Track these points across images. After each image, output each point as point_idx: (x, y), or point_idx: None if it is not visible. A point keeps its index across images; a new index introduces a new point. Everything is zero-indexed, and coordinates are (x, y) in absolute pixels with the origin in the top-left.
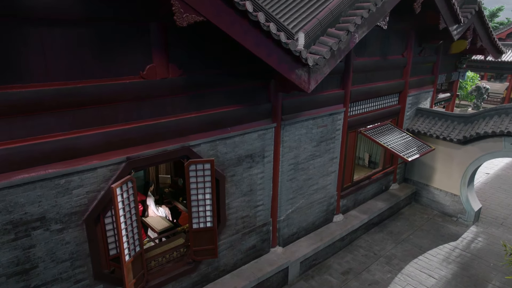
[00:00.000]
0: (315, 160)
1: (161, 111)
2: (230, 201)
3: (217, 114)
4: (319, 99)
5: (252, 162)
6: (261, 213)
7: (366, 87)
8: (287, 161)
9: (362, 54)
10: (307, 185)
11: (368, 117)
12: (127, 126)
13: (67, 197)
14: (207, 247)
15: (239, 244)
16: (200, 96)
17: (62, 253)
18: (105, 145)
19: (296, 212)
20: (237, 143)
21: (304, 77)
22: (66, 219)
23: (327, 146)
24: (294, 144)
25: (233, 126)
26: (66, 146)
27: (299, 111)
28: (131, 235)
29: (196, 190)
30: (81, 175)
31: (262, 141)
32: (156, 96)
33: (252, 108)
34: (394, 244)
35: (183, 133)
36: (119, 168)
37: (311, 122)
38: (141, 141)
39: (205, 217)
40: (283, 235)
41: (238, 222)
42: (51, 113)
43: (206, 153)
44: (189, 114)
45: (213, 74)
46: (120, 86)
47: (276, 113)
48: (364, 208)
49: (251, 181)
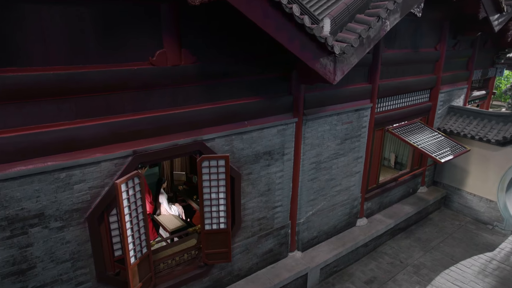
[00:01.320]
0: (339, 159)
1: (172, 102)
2: (246, 201)
3: (233, 107)
4: (344, 93)
5: (270, 159)
6: (279, 215)
7: (395, 82)
8: (308, 160)
9: (392, 45)
10: (329, 186)
11: (397, 114)
12: (134, 117)
13: (67, 193)
14: (220, 250)
15: (255, 248)
16: (215, 86)
17: (62, 253)
18: (110, 137)
19: (317, 214)
20: (254, 138)
21: (329, 67)
22: (66, 217)
23: (351, 144)
24: (317, 141)
25: (251, 120)
26: (67, 137)
27: (323, 106)
28: (137, 235)
29: (209, 189)
30: (83, 169)
31: (281, 137)
32: (167, 84)
33: (272, 101)
34: (422, 252)
35: (195, 126)
36: (125, 162)
37: (335, 118)
38: (149, 134)
39: (218, 218)
40: (302, 239)
41: (254, 224)
42: (50, 100)
43: (220, 149)
44: (202, 106)
45: (230, 63)
46: (127, 73)
47: (298, 107)
48: (390, 212)
49: (269, 180)
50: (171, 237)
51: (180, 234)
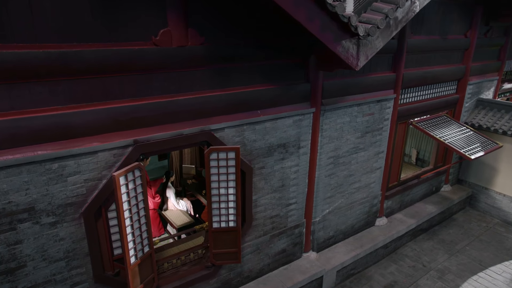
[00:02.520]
0: (359, 153)
1: (177, 87)
2: (257, 198)
3: (245, 94)
4: (366, 82)
5: (285, 153)
6: (293, 213)
7: (421, 71)
8: (326, 154)
9: (419, 31)
10: (347, 183)
11: (421, 107)
12: (135, 103)
13: (60, 185)
14: (229, 250)
15: (267, 248)
16: (225, 71)
17: (55, 251)
18: (107, 124)
19: (334, 213)
20: (268, 129)
21: (352, 50)
22: (60, 212)
23: (373, 138)
24: (335, 134)
25: (264, 109)
26: (60, 124)
27: (342, 95)
28: (138, 233)
29: (218, 183)
30: (77, 159)
31: (297, 128)
32: (172, 67)
33: (287, 88)
34: (447, 256)
35: (203, 114)
36: (125, 153)
37: (356, 109)
38: (152, 122)
39: (227, 215)
40: (317, 239)
41: (266, 222)
42: (40, 82)
43: (230, 140)
44: (211, 92)
45: (241, 45)
46: (127, 53)
47: (316, 96)
48: (411, 212)
49: (283, 175)
50: (178, 234)
51: (187, 231)
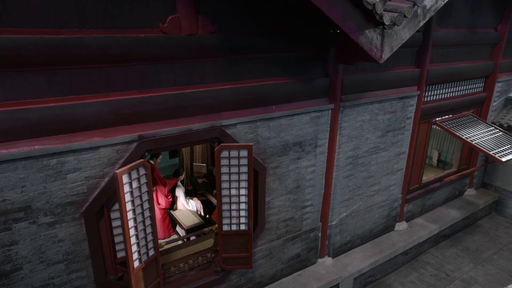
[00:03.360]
0: (379, 154)
1: (186, 79)
2: (271, 199)
3: (259, 88)
4: (388, 77)
5: (301, 151)
6: (309, 216)
7: (447, 67)
8: (344, 153)
9: (446, 23)
10: (366, 185)
11: (446, 105)
12: (140, 95)
13: (59, 183)
14: (239, 255)
15: (280, 253)
16: (238, 63)
17: (53, 253)
18: (110, 118)
19: (352, 216)
20: (283, 126)
21: (376, 41)
22: (58, 211)
23: (394, 137)
24: (355, 133)
25: (279, 105)
26: (59, 116)
27: (363, 91)
28: (142, 235)
29: (229, 183)
30: (78, 155)
31: (315, 125)
32: (180, 58)
33: (305, 83)
34: (472, 265)
35: (214, 109)
36: (129, 149)
37: (377, 106)
38: (158, 116)
39: (238, 217)
40: (333, 244)
41: (280, 225)
42: (38, 71)
43: (243, 137)
44: (223, 85)
45: (256, 35)
46: (132, 41)
47: (334, 92)
48: (433, 216)
49: (298, 175)
50: (186, 236)
51: (195, 233)
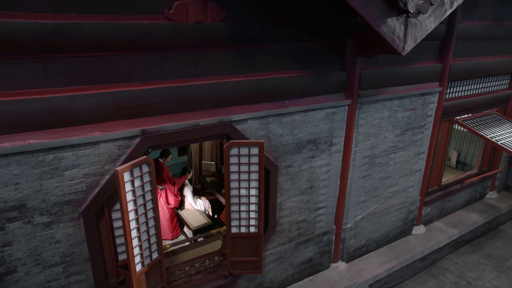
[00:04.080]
0: (397, 153)
1: (193, 70)
2: (283, 200)
3: (272, 81)
4: (408, 72)
5: (315, 150)
6: (322, 218)
7: (471, 62)
8: (361, 153)
9: (471, 15)
10: (383, 186)
11: (468, 103)
12: (144, 87)
13: (56, 180)
14: (249, 259)
15: (291, 257)
16: (250, 54)
17: (50, 255)
18: (111, 111)
19: (367, 219)
20: (297, 123)
21: (399, 31)
22: (55, 210)
23: (413, 136)
24: (372, 131)
25: (293, 100)
26: (56, 108)
27: (381, 87)
28: (145, 237)
29: (238, 183)
30: (76, 150)
31: (330, 122)
32: (187, 47)
33: (320, 76)
34: (496, 273)
35: (223, 103)
36: (131, 144)
37: (396, 103)
38: (163, 110)
39: (248, 219)
40: (348, 248)
41: (291, 228)
42: (33, 59)
43: (254, 133)
44: (233, 77)
45: (269, 24)
46: (135, 28)
47: (352, 87)
48: (453, 220)
49: (312, 175)
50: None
51: (202, 235)
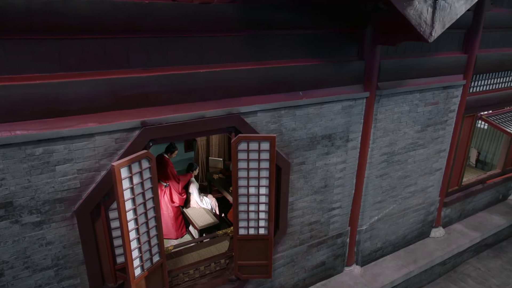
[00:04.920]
0: (417, 151)
1: (198, 56)
2: (294, 200)
3: (285, 70)
4: (431, 63)
5: (330, 146)
6: (336, 219)
7: (499, 54)
8: (378, 149)
9: (500, 2)
10: (401, 185)
11: (494, 98)
12: (144, 74)
13: (47, 176)
14: (257, 262)
15: (303, 260)
16: (260, 40)
17: (41, 258)
18: (108, 100)
19: (384, 220)
20: (311, 116)
21: (426, 14)
22: (46, 209)
23: (434, 133)
24: (391, 126)
25: (307, 91)
26: (46, 96)
27: (402, 79)
28: (145, 239)
29: (247, 181)
30: (69, 143)
31: (347, 116)
32: (192, 30)
33: (337, 66)
34: None
35: (231, 93)
36: (130, 137)
37: (417, 97)
38: (165, 100)
39: (257, 220)
40: (363, 251)
41: (303, 229)
42: (19, 41)
43: (264, 127)
44: (242, 65)
45: (282, 7)
46: (134, 8)
47: (370, 78)
48: (474, 223)
49: (326, 173)
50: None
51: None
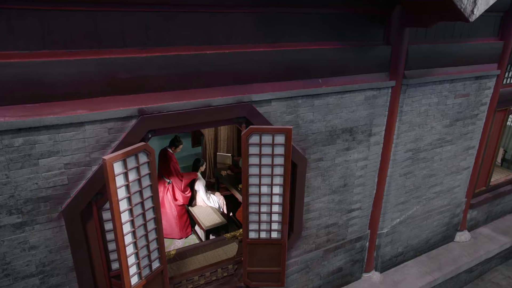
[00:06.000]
0: (444, 148)
1: (205, 35)
2: (311, 200)
3: (302, 54)
4: (463, 50)
5: (351, 141)
6: (355, 222)
7: None
8: (403, 145)
9: None
10: (426, 185)
11: None
12: (142, 55)
13: (28, 171)
14: (269, 269)
15: (318, 266)
16: (276, 18)
17: (23, 264)
18: (100, 84)
19: (406, 223)
20: (331, 107)
21: None
22: (28, 208)
23: (463, 128)
24: (417, 120)
25: (327, 78)
26: (27, 78)
27: (430, 67)
28: (143, 243)
29: (259, 179)
30: (54, 133)
31: (370, 107)
32: (199, 5)
33: (360, 51)
34: None
35: (242, 78)
36: (125, 127)
37: (447, 87)
38: (166, 85)
39: (269, 222)
40: (383, 256)
41: (320, 233)
42: None
43: (279, 118)
44: (254, 47)
45: None
46: None
47: (397, 65)
48: (502, 226)
49: (346, 171)
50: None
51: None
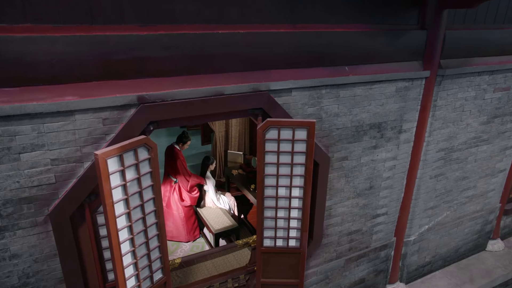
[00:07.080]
0: (479, 147)
1: (216, 12)
2: (333, 204)
3: (327, 37)
4: (505, 37)
5: (379, 138)
6: (380, 228)
7: None
8: (435, 144)
9: None
10: (458, 189)
11: None
12: (142, 33)
13: (7, 167)
14: (285, 281)
15: (339, 276)
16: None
17: (3, 275)
18: (93, 66)
19: (435, 230)
20: (358, 99)
21: None
22: (8, 211)
23: (502, 126)
24: (452, 115)
25: (354, 66)
26: (5, 57)
27: (469, 56)
28: (143, 251)
29: (276, 179)
30: (38, 123)
31: (401, 101)
32: None
33: (391, 36)
34: None
35: (258, 63)
36: (123, 117)
37: (486, 80)
38: (171, 69)
39: (287, 229)
40: (409, 266)
41: (342, 240)
42: None
43: (299, 110)
44: (273, 27)
45: None
46: None
47: (432, 53)
48: None
49: (373, 171)
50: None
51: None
